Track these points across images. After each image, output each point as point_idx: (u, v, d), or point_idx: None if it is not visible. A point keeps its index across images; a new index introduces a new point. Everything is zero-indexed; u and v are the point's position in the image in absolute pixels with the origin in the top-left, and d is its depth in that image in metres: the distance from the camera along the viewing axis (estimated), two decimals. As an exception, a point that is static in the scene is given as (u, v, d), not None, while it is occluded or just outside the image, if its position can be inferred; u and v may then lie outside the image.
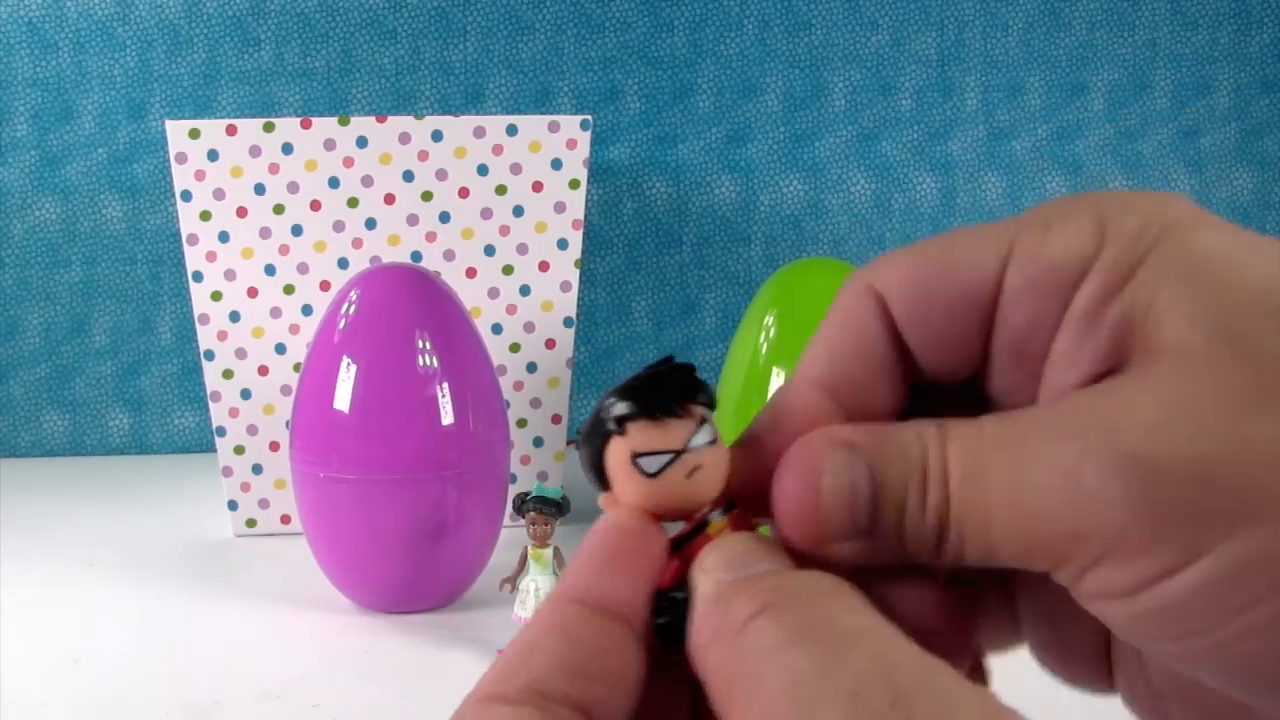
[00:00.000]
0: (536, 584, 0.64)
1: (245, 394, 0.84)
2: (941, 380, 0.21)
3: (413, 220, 0.83)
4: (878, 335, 0.21)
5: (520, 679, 0.17)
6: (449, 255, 0.84)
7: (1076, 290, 0.19)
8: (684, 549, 0.20)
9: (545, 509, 0.64)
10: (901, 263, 0.21)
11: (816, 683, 0.16)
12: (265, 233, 0.82)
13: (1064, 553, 0.18)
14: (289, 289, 0.83)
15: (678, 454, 0.19)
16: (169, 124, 0.80)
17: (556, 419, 0.88)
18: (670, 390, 0.20)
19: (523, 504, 0.65)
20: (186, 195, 0.81)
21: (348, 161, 0.81)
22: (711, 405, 0.20)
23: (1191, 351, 0.17)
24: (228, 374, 0.84)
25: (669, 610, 0.19)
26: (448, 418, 0.67)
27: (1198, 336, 0.17)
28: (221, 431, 0.85)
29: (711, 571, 0.19)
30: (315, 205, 0.82)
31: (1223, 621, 0.17)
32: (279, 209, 0.82)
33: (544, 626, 0.18)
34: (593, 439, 0.20)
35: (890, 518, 0.19)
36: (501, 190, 0.83)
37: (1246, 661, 0.17)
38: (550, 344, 0.86)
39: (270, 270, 0.83)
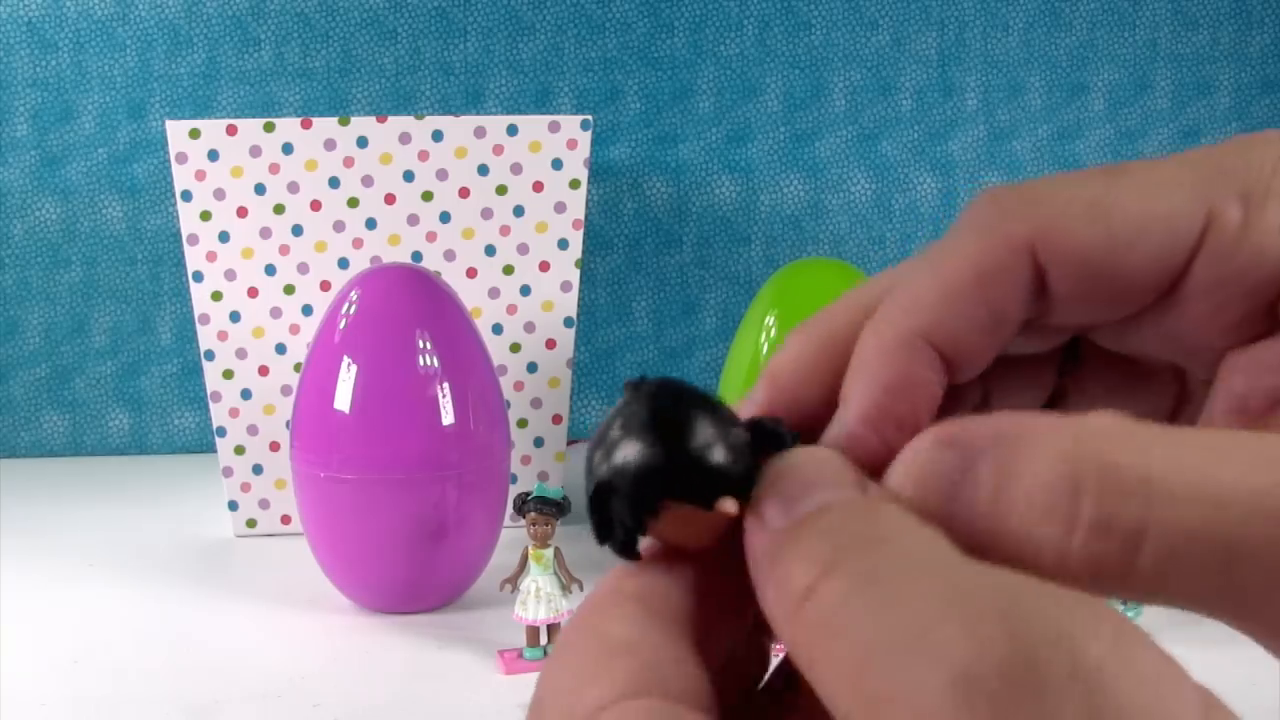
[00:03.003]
0: (537, 584, 0.64)
1: (245, 394, 0.84)
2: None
3: (413, 220, 0.83)
4: (1017, 306, 0.17)
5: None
6: (449, 255, 0.84)
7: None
8: None
9: (546, 509, 0.64)
10: (1076, 222, 0.17)
11: (904, 657, 0.13)
12: (265, 233, 0.82)
13: None
14: (289, 289, 0.83)
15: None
16: (169, 124, 0.80)
17: (557, 419, 0.88)
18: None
19: (523, 504, 0.65)
20: (187, 195, 0.81)
21: (348, 161, 0.81)
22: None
23: None
24: (228, 374, 0.84)
25: None
26: (448, 418, 0.67)
27: None
28: (222, 432, 0.85)
29: (764, 517, 0.16)
30: (315, 205, 0.82)
31: None
32: (279, 209, 0.82)
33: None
34: None
35: (1014, 524, 0.15)
36: (502, 190, 0.83)
37: None
38: (550, 344, 0.86)
39: (270, 270, 0.83)
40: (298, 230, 0.82)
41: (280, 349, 0.84)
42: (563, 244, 0.84)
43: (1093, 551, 0.14)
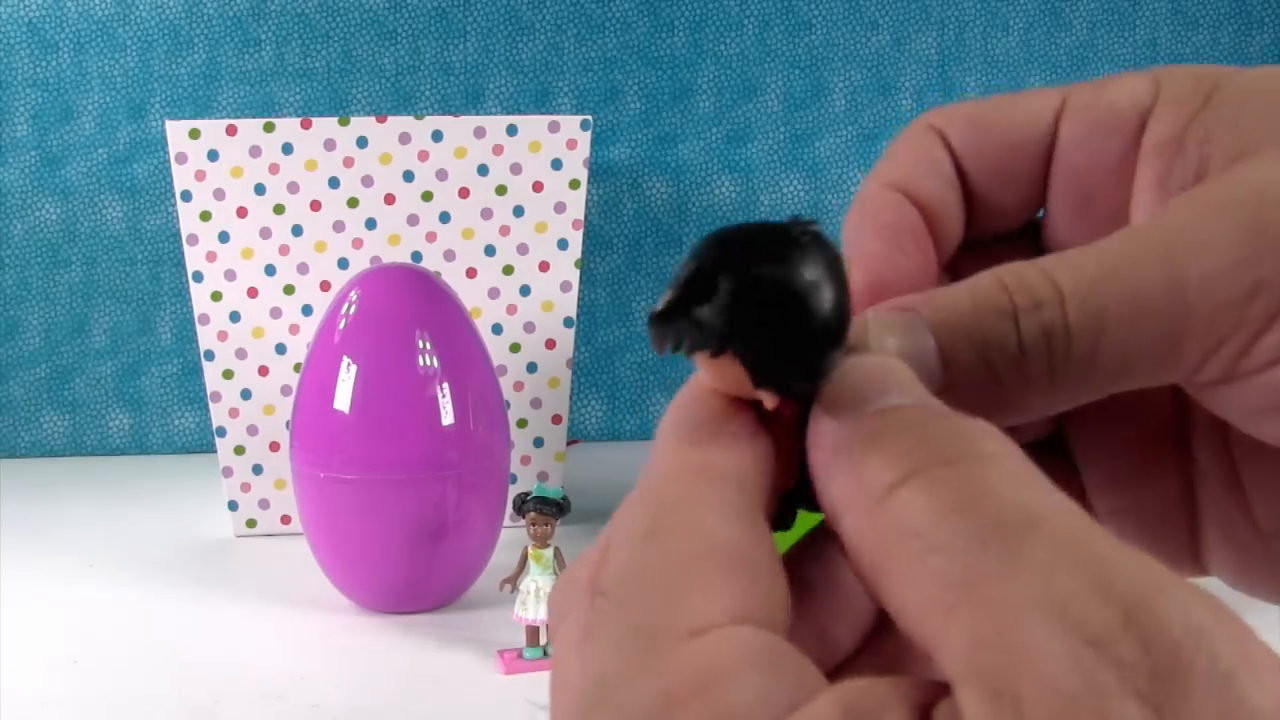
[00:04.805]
0: (537, 584, 0.64)
1: (245, 394, 0.84)
2: (997, 230, 0.22)
3: (413, 220, 0.83)
4: (944, 158, 0.21)
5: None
6: (449, 255, 0.84)
7: (1144, 127, 0.19)
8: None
9: (545, 509, 0.64)
10: (957, 108, 0.21)
11: (1005, 585, 0.12)
12: (265, 233, 0.82)
13: (1231, 317, 0.16)
14: (289, 289, 0.83)
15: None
16: (169, 124, 0.80)
17: (557, 419, 0.88)
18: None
19: (523, 504, 0.65)
20: (186, 195, 0.81)
21: (348, 161, 0.81)
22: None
23: None
24: (228, 374, 0.84)
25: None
26: (448, 418, 0.67)
27: None
28: (222, 432, 0.85)
29: (836, 404, 0.15)
30: (315, 205, 0.82)
31: None
32: (279, 209, 0.82)
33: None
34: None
35: (971, 355, 0.17)
36: (502, 190, 0.83)
37: None
38: (550, 344, 0.86)
39: (270, 270, 0.83)
40: (298, 230, 0.82)
41: (280, 349, 0.84)
42: (562, 244, 0.84)
43: (1036, 325, 0.17)
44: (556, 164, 0.83)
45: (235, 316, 0.83)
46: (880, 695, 0.13)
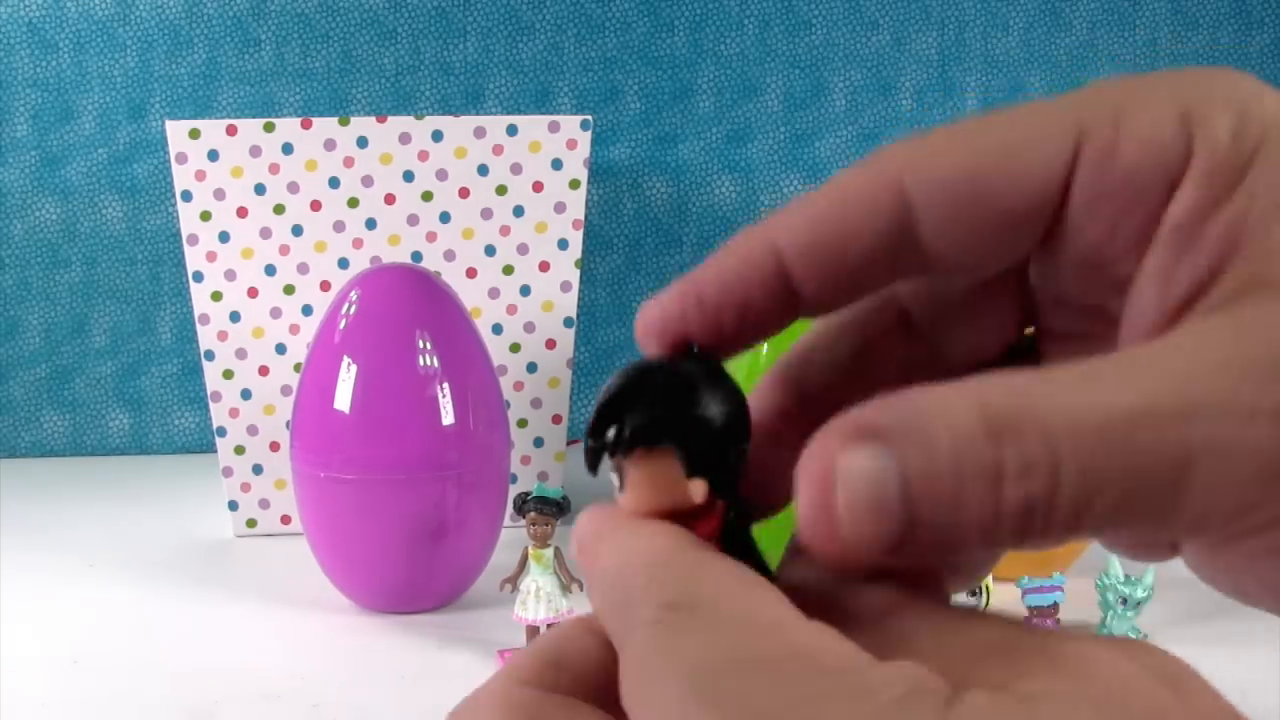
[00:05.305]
0: (537, 584, 0.64)
1: (245, 394, 0.84)
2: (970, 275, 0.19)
3: (413, 220, 0.83)
4: (885, 230, 0.17)
5: None
6: (449, 255, 0.84)
7: (1169, 200, 0.16)
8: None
9: (546, 509, 0.64)
10: (941, 153, 0.17)
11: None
12: (265, 233, 0.82)
13: (1235, 521, 0.15)
14: (289, 289, 0.83)
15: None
16: (169, 124, 0.80)
17: (557, 419, 0.88)
18: (597, 442, 0.19)
19: (523, 504, 0.65)
20: (186, 195, 0.81)
21: (348, 161, 0.81)
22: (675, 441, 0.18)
23: None
24: (228, 374, 0.84)
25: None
26: (448, 418, 0.67)
27: None
28: (222, 432, 0.85)
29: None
30: (315, 205, 0.82)
31: None
32: (279, 209, 0.82)
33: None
34: None
35: (940, 516, 0.15)
36: (502, 190, 0.83)
37: None
38: (550, 344, 0.86)
39: (270, 270, 0.83)
40: (298, 230, 0.82)
41: (280, 349, 0.84)
42: (562, 244, 0.84)
43: (1021, 495, 0.15)
44: (556, 164, 0.83)
45: (235, 316, 0.83)
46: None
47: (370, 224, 0.83)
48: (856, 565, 0.16)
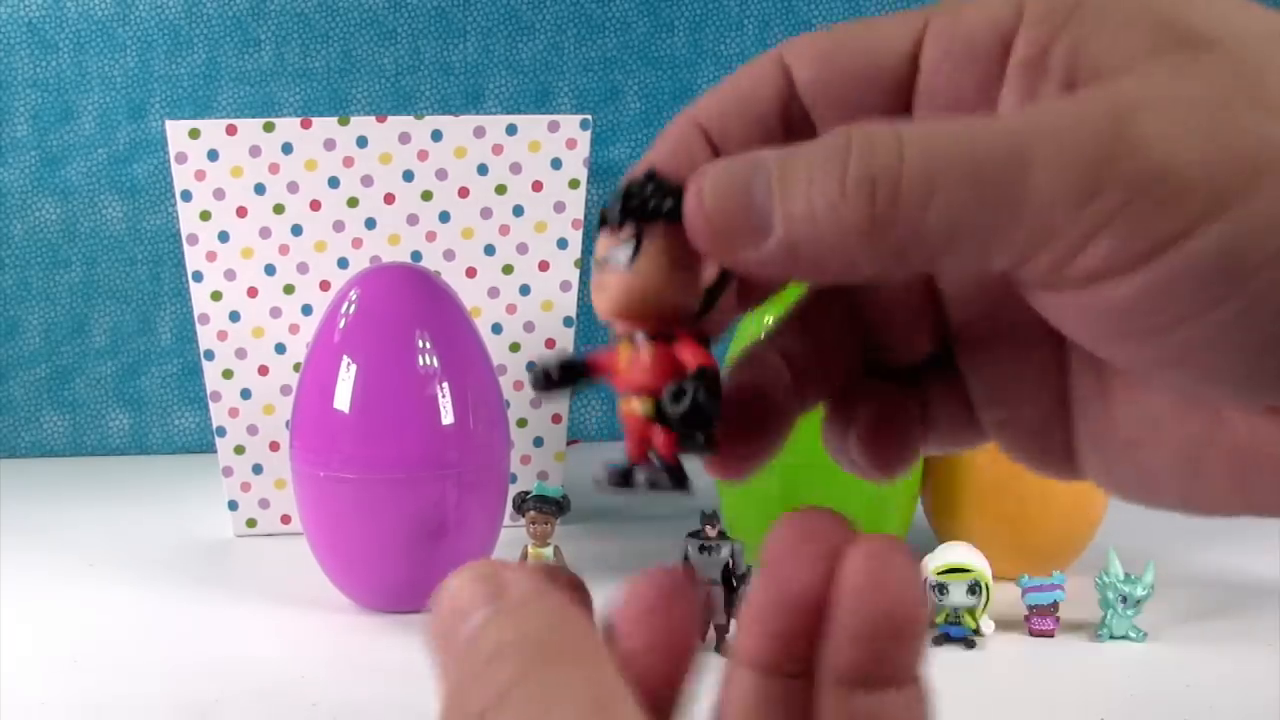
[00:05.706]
0: (537, 584, 0.64)
1: (245, 394, 0.84)
2: None
3: (413, 220, 0.83)
4: (771, 95, 0.21)
5: None
6: (449, 255, 0.84)
7: (1008, 49, 0.19)
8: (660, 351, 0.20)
9: (545, 508, 0.64)
10: (813, 39, 0.21)
11: None
12: (265, 233, 0.82)
13: (1068, 209, 0.16)
14: (289, 289, 0.83)
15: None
16: (169, 124, 0.80)
17: (556, 419, 0.88)
18: (629, 201, 0.19)
19: (523, 503, 0.65)
20: (186, 195, 0.81)
21: (348, 161, 0.81)
22: (656, 217, 0.19)
23: (1157, 61, 0.17)
24: (228, 374, 0.84)
25: (680, 397, 0.19)
26: (448, 417, 0.67)
27: (1160, 49, 0.17)
28: (221, 431, 0.85)
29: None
30: (315, 205, 0.82)
31: (1187, 316, 0.16)
32: (279, 209, 0.82)
33: None
34: None
35: (798, 205, 0.17)
36: (501, 190, 0.83)
37: (1210, 361, 0.17)
38: (550, 344, 0.86)
39: (270, 270, 0.83)
40: (297, 230, 0.82)
41: (280, 349, 0.84)
42: (562, 244, 0.84)
43: (864, 168, 0.17)
44: (556, 163, 0.83)
45: (235, 316, 0.83)
46: None
47: (370, 224, 0.83)
48: (739, 259, 0.18)
